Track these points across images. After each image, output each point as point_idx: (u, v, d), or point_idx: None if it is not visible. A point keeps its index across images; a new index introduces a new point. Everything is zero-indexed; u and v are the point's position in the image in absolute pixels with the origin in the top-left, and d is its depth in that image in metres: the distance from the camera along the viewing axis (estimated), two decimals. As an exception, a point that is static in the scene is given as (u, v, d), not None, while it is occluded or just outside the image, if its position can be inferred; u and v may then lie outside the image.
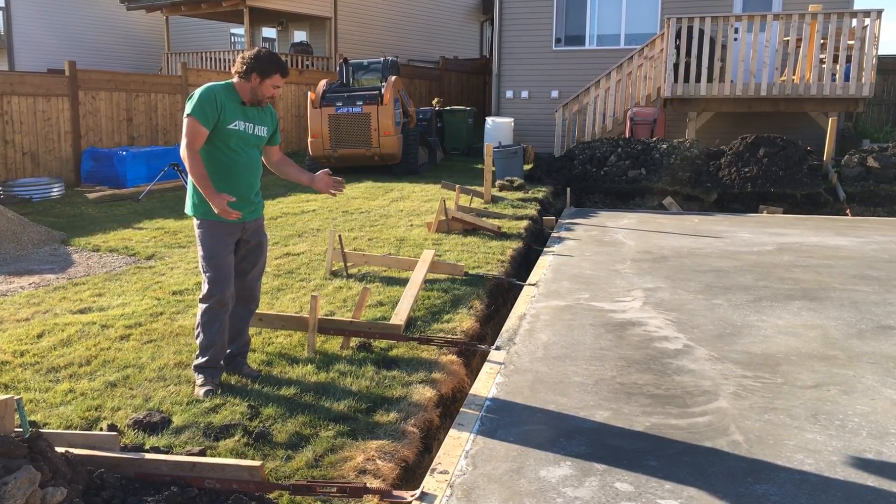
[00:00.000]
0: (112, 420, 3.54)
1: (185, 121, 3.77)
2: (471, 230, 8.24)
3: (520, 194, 10.94)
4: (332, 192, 4.13)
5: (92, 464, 2.86)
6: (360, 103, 12.60)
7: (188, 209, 3.97)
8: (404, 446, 3.39)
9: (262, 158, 4.17)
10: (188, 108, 3.76)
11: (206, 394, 3.84)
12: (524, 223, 8.92)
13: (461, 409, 3.80)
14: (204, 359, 3.95)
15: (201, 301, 3.95)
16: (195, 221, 3.95)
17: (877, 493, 2.94)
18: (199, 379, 3.95)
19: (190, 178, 3.81)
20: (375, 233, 8.22)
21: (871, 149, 11.71)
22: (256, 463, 2.91)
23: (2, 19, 21.52)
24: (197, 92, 3.81)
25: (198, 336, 3.97)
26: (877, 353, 4.57)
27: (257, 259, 4.15)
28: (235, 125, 3.83)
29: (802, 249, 7.74)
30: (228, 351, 4.16)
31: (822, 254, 7.52)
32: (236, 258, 4.06)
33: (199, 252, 3.94)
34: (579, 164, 12.22)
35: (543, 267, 6.96)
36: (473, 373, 4.55)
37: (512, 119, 15.01)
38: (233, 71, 3.91)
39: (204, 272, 3.92)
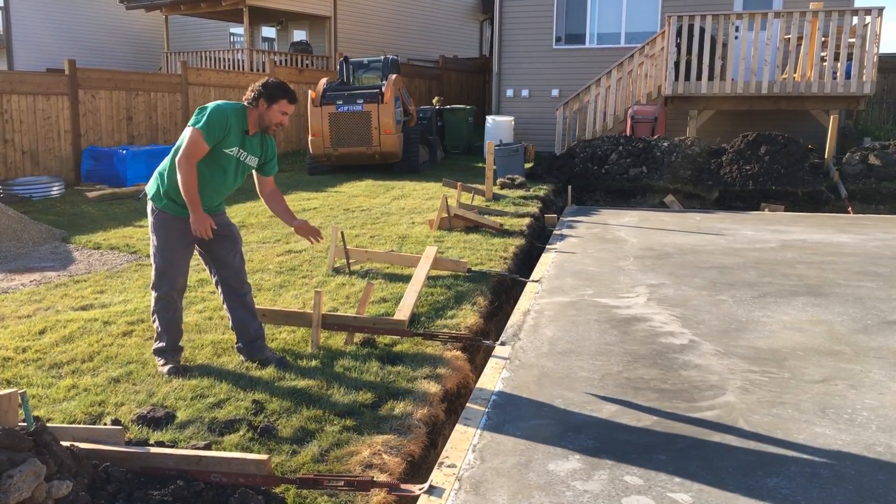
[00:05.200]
0: (116, 415, 3.52)
1: (188, 131, 3.79)
2: (473, 227, 8.21)
3: (521, 192, 10.90)
4: (311, 239, 4.19)
5: (97, 458, 2.83)
6: (361, 102, 12.57)
7: (151, 191, 4.03)
8: (410, 441, 3.37)
9: (256, 187, 4.25)
10: (197, 120, 3.79)
11: (170, 371, 4.00)
12: (526, 220, 8.90)
13: (467, 403, 3.78)
14: (162, 343, 4.12)
15: (152, 288, 4.11)
16: (151, 207, 4.03)
17: (888, 486, 2.92)
18: (160, 361, 4.11)
19: (165, 169, 3.94)
20: (377, 230, 8.19)
21: (872, 146, 11.69)
22: (263, 456, 2.88)
23: (1, 19, 21.47)
24: (209, 107, 3.84)
25: (154, 321, 4.15)
26: (883, 347, 4.55)
27: (234, 243, 4.17)
28: (231, 150, 3.92)
29: (805, 246, 7.73)
30: (238, 344, 4.28)
31: (825, 251, 7.50)
32: (215, 250, 4.12)
33: (153, 240, 4.05)
34: (580, 163, 12.20)
35: (546, 264, 6.94)
36: (478, 368, 4.52)
37: (512, 118, 14.99)
38: (243, 99, 3.97)
39: (154, 261, 4.06)
